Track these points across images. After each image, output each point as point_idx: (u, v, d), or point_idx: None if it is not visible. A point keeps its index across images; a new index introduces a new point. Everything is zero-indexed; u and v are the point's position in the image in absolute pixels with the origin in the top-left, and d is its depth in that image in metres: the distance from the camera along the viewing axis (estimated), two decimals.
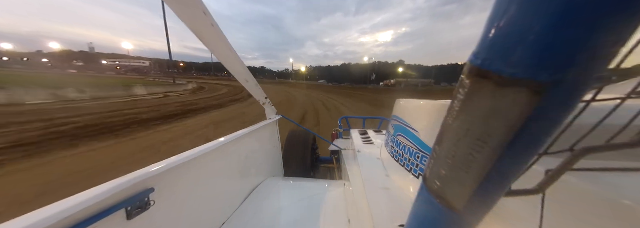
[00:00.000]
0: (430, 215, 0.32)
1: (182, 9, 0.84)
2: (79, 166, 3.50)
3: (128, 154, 4.15)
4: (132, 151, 4.33)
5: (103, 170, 3.43)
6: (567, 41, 0.15)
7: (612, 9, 0.14)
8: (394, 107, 1.31)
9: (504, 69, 0.18)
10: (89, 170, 3.41)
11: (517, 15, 0.16)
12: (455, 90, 0.22)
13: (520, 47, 0.17)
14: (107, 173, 3.24)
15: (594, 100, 0.22)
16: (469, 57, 0.21)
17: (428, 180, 0.30)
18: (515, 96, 0.18)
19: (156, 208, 0.72)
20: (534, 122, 0.18)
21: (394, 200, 0.89)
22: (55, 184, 2.98)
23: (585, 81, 0.17)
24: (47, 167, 3.47)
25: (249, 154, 1.45)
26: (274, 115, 1.91)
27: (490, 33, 0.18)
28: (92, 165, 3.59)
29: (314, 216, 1.20)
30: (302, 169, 2.09)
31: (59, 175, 3.21)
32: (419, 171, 0.91)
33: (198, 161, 0.93)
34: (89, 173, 3.31)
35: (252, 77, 1.45)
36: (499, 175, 0.23)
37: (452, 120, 0.24)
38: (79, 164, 3.60)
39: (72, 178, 3.17)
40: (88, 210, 0.52)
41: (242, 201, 1.33)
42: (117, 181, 0.61)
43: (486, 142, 0.21)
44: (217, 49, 1.09)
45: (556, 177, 0.24)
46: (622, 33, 0.15)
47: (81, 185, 1.95)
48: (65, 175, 3.24)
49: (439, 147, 0.26)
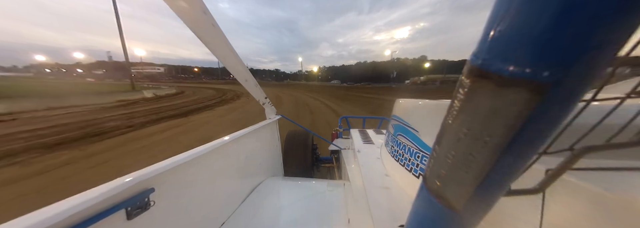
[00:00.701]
0: (430, 215, 0.32)
1: (181, 9, 0.84)
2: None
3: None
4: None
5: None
6: (567, 41, 0.15)
7: (611, 9, 0.14)
8: (394, 107, 1.31)
9: (504, 69, 0.18)
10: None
11: (517, 16, 0.16)
12: (455, 90, 0.23)
13: (520, 48, 0.17)
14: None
15: (594, 100, 0.22)
16: (469, 57, 0.21)
17: (428, 179, 0.30)
18: (515, 96, 0.18)
19: (156, 208, 0.72)
20: (534, 122, 0.18)
21: (394, 200, 0.89)
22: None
23: (585, 81, 0.17)
24: None
25: (249, 154, 1.45)
26: (274, 115, 1.91)
27: (491, 33, 0.18)
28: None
29: (314, 216, 1.20)
30: (302, 169, 2.09)
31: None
32: (419, 171, 0.91)
33: (198, 161, 0.93)
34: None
35: (252, 77, 1.46)
36: (499, 175, 0.23)
37: (452, 120, 0.24)
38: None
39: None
40: (88, 210, 0.52)
41: (242, 201, 1.33)
42: (117, 181, 0.61)
43: (486, 142, 0.21)
44: (218, 49, 1.09)
45: (556, 177, 0.24)
46: (621, 33, 0.15)
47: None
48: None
49: (439, 147, 0.26)
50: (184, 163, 0.82)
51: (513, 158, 0.21)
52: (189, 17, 0.88)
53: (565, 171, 0.24)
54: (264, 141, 1.73)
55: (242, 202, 1.32)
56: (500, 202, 0.26)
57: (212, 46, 1.04)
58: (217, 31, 0.99)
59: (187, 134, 5.88)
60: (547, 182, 0.25)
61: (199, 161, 0.93)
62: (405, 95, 21.85)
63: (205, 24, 0.92)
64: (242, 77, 1.38)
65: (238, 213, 1.22)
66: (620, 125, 0.23)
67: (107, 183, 0.60)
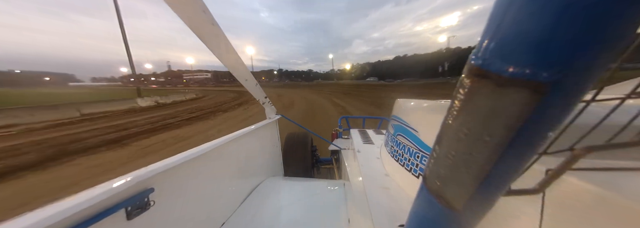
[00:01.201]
0: (430, 215, 0.32)
1: (181, 8, 0.84)
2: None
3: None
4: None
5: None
6: (567, 41, 0.15)
7: (611, 9, 0.14)
8: (394, 107, 1.31)
9: (504, 69, 0.18)
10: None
11: (517, 16, 0.16)
12: (455, 90, 0.23)
13: (521, 48, 0.17)
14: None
15: (594, 100, 0.22)
16: (469, 57, 0.21)
17: (428, 179, 0.30)
18: (515, 96, 0.18)
19: (156, 208, 0.72)
20: (534, 122, 0.18)
21: (394, 200, 0.89)
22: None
23: (585, 81, 0.17)
24: None
25: (249, 154, 1.45)
26: (274, 115, 1.91)
27: (491, 33, 0.18)
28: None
29: (314, 216, 1.20)
30: (302, 169, 2.09)
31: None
32: (419, 171, 0.91)
33: (198, 161, 0.93)
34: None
35: (252, 77, 1.47)
36: (499, 175, 0.23)
37: (452, 120, 0.24)
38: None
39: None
40: (88, 210, 0.52)
41: (242, 201, 1.33)
42: (117, 181, 0.61)
43: (486, 142, 0.21)
44: (217, 49, 1.09)
45: (556, 177, 0.24)
46: (622, 33, 0.15)
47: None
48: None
49: (439, 147, 0.26)
50: (183, 163, 0.82)
51: (513, 158, 0.21)
52: (188, 16, 0.88)
53: (565, 171, 0.24)
54: (264, 141, 1.73)
55: (242, 202, 1.32)
56: (500, 202, 0.26)
57: (212, 45, 1.04)
58: (217, 30, 0.99)
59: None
60: (547, 182, 0.25)
61: (198, 161, 0.93)
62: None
63: (204, 23, 0.92)
64: (243, 77, 1.38)
65: (238, 213, 1.22)
66: (620, 125, 0.23)
67: (106, 182, 0.60)
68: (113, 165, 4.19)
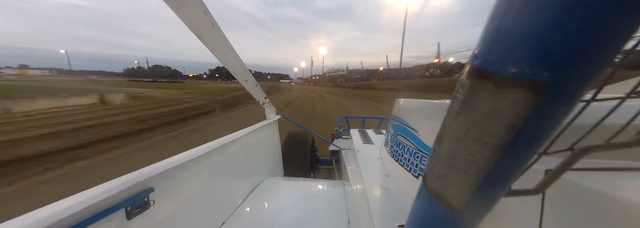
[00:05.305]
0: (430, 215, 0.32)
1: (181, 9, 0.84)
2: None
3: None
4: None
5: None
6: (567, 41, 0.15)
7: (611, 9, 0.14)
8: (394, 107, 1.31)
9: (504, 69, 0.18)
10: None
11: (517, 16, 0.16)
12: (455, 90, 0.23)
13: (520, 48, 0.17)
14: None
15: (594, 100, 0.22)
16: (469, 57, 0.21)
17: (428, 180, 0.30)
18: (515, 96, 0.18)
19: (156, 208, 0.72)
20: (534, 122, 0.18)
21: (394, 200, 0.89)
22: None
23: (585, 81, 0.17)
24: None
25: (249, 154, 1.45)
26: (274, 115, 1.91)
27: (490, 33, 0.18)
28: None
29: (314, 216, 1.20)
30: (302, 169, 2.09)
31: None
32: (419, 171, 0.91)
33: (198, 161, 0.93)
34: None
35: (252, 77, 1.47)
36: (499, 175, 0.23)
37: (452, 120, 0.24)
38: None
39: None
40: (88, 210, 0.52)
41: (242, 201, 1.33)
42: (116, 181, 0.61)
43: (486, 142, 0.21)
44: (218, 50, 1.09)
45: (556, 177, 0.24)
46: (622, 33, 0.15)
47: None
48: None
49: (439, 147, 0.26)
50: (183, 163, 0.82)
51: (513, 158, 0.21)
52: (189, 17, 0.88)
53: (565, 171, 0.24)
54: (264, 141, 1.73)
55: (242, 202, 1.32)
56: (500, 202, 0.26)
57: (213, 46, 1.04)
58: (218, 31, 0.98)
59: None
60: (547, 182, 0.25)
61: (198, 160, 0.93)
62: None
63: (205, 24, 0.92)
64: (243, 78, 1.38)
65: (238, 213, 1.22)
66: (620, 125, 0.23)
67: (106, 182, 0.60)
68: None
